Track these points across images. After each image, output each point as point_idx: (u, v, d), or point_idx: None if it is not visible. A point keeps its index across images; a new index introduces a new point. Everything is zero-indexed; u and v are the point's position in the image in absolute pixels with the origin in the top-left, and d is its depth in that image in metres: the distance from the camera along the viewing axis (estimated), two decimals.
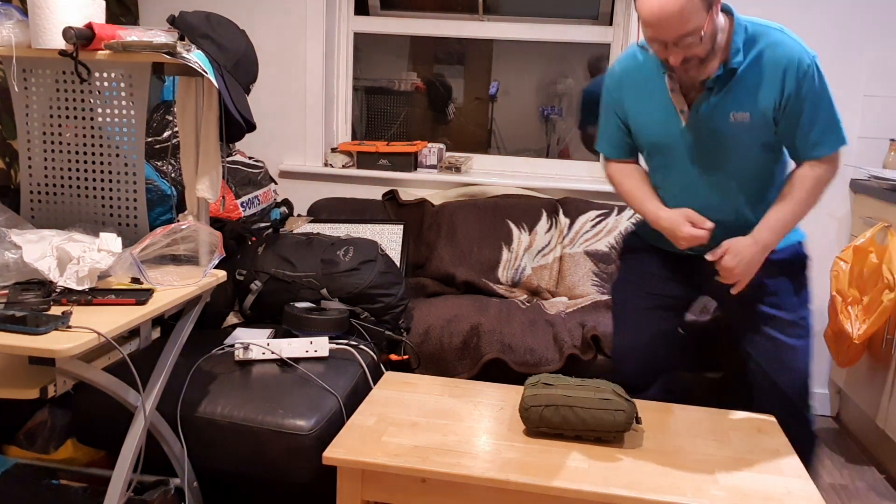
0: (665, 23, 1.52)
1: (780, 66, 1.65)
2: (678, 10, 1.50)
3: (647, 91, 1.76)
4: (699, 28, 1.53)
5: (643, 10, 1.55)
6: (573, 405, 1.63)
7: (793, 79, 1.64)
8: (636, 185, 1.85)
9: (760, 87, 1.65)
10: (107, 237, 1.55)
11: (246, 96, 1.82)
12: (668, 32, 1.53)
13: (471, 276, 2.74)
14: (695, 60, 1.59)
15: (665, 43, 1.56)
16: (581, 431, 1.64)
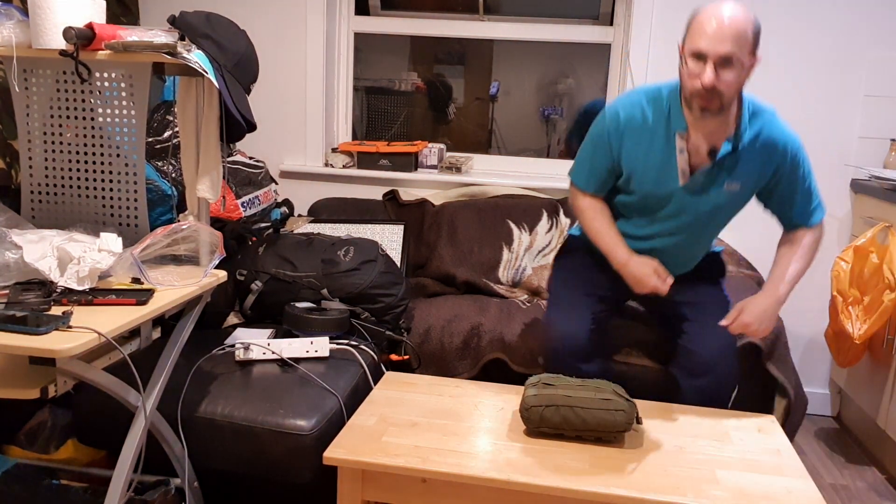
0: (725, 34, 1.61)
1: (776, 147, 1.80)
2: (742, 29, 1.62)
3: (650, 145, 1.83)
4: (743, 59, 1.65)
5: (709, 18, 1.63)
6: (574, 405, 1.63)
7: (787, 160, 1.81)
8: (606, 226, 1.94)
9: (756, 163, 1.81)
10: (107, 237, 1.55)
11: (246, 96, 1.82)
12: (723, 45, 1.61)
13: (471, 277, 2.74)
14: (717, 98, 1.67)
15: (709, 58, 1.63)
16: (581, 431, 1.64)
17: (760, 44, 1.74)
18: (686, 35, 1.71)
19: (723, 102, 1.69)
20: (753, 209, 2.93)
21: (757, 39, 1.67)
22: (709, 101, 1.68)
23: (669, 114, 1.80)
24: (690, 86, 1.69)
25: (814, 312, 2.96)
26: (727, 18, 1.62)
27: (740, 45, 1.62)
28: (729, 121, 1.77)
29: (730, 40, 1.61)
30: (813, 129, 2.85)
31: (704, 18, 1.64)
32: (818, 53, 2.80)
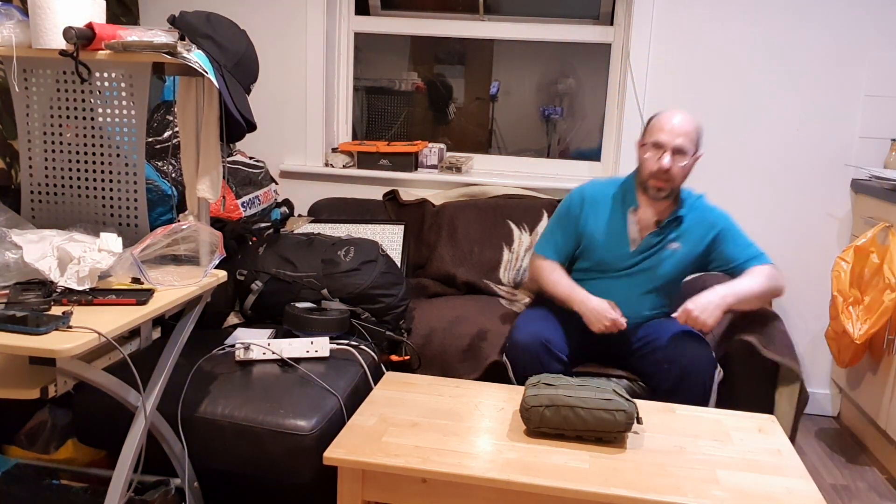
0: (680, 131, 2.07)
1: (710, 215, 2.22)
2: (691, 129, 2.10)
3: (608, 217, 2.21)
4: (690, 152, 2.10)
5: (665, 120, 2.10)
6: (574, 405, 1.63)
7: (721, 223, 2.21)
8: (562, 276, 2.23)
9: (694, 229, 2.19)
10: (107, 237, 1.55)
11: (246, 96, 1.82)
12: (677, 138, 2.07)
13: (472, 277, 2.74)
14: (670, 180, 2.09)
15: (666, 147, 2.07)
16: (582, 431, 1.64)
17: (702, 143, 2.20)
18: (646, 132, 2.15)
19: (673, 185, 2.12)
20: (753, 209, 2.93)
21: (700, 139, 2.14)
22: (664, 182, 2.10)
23: (624, 196, 2.21)
24: (649, 169, 2.11)
25: (814, 313, 2.96)
26: (680, 120, 2.09)
27: (690, 140, 2.09)
28: (672, 203, 2.20)
29: (683, 136, 2.07)
30: (813, 128, 2.85)
31: (664, 119, 2.10)
32: (819, 53, 2.80)
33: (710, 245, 2.19)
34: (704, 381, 2.00)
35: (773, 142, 2.88)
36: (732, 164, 2.91)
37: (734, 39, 2.84)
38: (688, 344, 2.03)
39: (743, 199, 2.93)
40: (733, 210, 2.92)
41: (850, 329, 2.46)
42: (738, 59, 2.85)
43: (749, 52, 2.84)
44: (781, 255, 2.93)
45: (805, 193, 2.89)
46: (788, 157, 2.88)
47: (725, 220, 2.22)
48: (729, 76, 2.86)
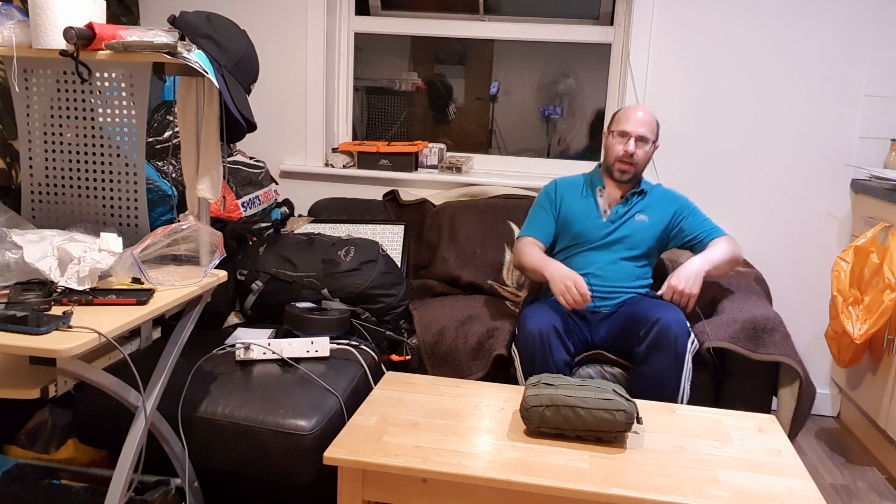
0: (643, 121, 2.35)
1: (669, 195, 2.46)
2: (651, 120, 2.38)
3: (580, 198, 2.45)
4: (650, 139, 2.37)
5: (630, 112, 2.38)
6: (574, 405, 1.63)
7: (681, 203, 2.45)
8: (539, 251, 2.38)
9: (657, 206, 2.42)
10: (107, 237, 1.55)
11: (247, 96, 1.82)
12: (640, 127, 2.35)
13: (476, 279, 2.74)
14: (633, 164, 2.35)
15: (631, 135, 2.34)
16: (582, 431, 1.64)
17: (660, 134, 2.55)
18: (612, 122, 2.42)
19: (636, 169, 2.37)
20: (753, 210, 2.93)
21: (658, 131, 2.42)
22: (628, 166, 2.36)
23: (592, 180, 2.47)
24: (615, 153, 2.37)
25: (814, 312, 2.96)
26: (643, 113, 2.37)
27: (651, 130, 2.37)
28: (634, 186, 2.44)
29: (645, 126, 2.35)
30: (813, 128, 2.85)
31: (629, 112, 2.39)
32: (819, 53, 2.80)
33: (672, 219, 2.41)
34: (677, 346, 2.04)
35: (773, 142, 2.88)
36: (733, 164, 2.92)
37: (734, 39, 2.84)
38: (660, 309, 2.10)
39: (743, 199, 2.93)
40: (733, 210, 2.93)
41: (850, 329, 2.46)
42: (738, 59, 2.85)
43: (749, 53, 2.84)
44: (781, 255, 2.93)
45: (805, 193, 2.89)
46: (788, 156, 2.88)
47: (683, 199, 2.46)
48: (729, 76, 2.87)
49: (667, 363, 2.03)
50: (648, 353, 2.06)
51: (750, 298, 2.34)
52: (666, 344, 2.03)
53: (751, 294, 2.39)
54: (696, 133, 2.92)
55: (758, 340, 2.14)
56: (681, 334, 2.05)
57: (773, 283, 2.91)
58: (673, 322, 2.05)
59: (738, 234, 2.93)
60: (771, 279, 2.91)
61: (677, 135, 2.93)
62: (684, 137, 2.93)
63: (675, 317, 2.07)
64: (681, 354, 2.04)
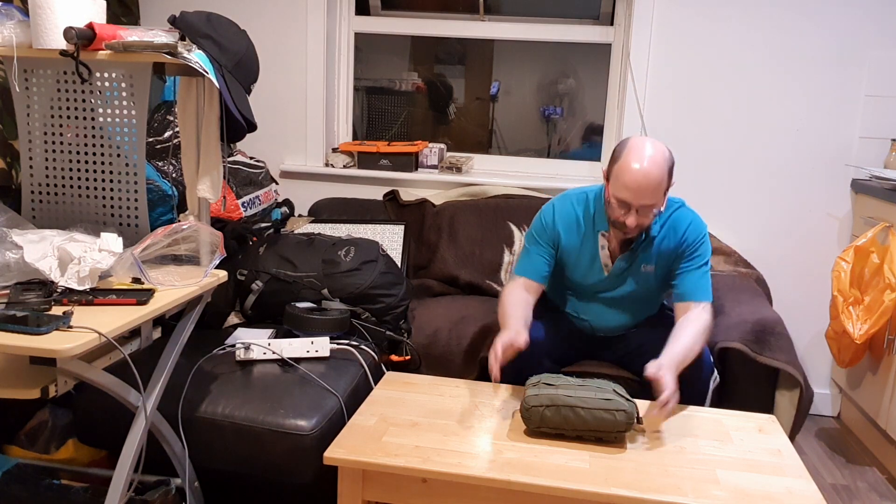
0: (643, 191, 1.86)
1: (682, 226, 2.03)
2: (657, 184, 1.86)
3: (580, 242, 2.09)
4: (659, 204, 1.91)
5: (629, 177, 1.86)
6: (574, 405, 1.63)
7: (691, 240, 2.02)
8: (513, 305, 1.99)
9: (664, 244, 2.04)
10: (108, 237, 1.55)
11: (247, 96, 1.82)
12: (642, 199, 1.87)
13: (474, 279, 2.74)
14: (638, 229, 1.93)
15: (631, 207, 1.88)
16: (582, 431, 1.64)
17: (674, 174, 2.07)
18: (611, 174, 1.92)
19: (643, 231, 1.99)
20: (753, 209, 2.93)
21: (671, 176, 1.92)
22: (630, 233, 1.95)
23: (594, 216, 2.06)
24: (615, 218, 1.94)
25: (814, 312, 2.96)
26: (647, 175, 1.85)
27: (656, 195, 1.88)
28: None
29: (649, 195, 1.86)
30: (813, 128, 2.85)
31: (628, 174, 1.86)
32: (819, 53, 2.80)
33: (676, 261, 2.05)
34: (702, 390, 1.99)
35: (773, 142, 2.88)
36: (733, 164, 2.91)
37: (734, 39, 2.84)
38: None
39: (743, 199, 2.93)
40: (734, 210, 2.93)
41: (851, 329, 2.46)
42: (738, 59, 2.85)
43: (749, 53, 2.84)
44: (782, 255, 2.93)
45: (805, 193, 2.89)
46: (788, 156, 2.88)
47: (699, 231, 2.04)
48: (729, 76, 2.86)
49: (690, 401, 1.96)
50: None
51: (756, 300, 2.34)
52: (691, 392, 1.96)
53: (756, 296, 2.39)
54: (696, 133, 2.92)
55: (763, 343, 2.15)
56: (707, 377, 1.98)
57: (774, 283, 2.91)
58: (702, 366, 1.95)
59: (738, 234, 2.93)
60: (771, 279, 2.91)
61: (676, 135, 2.93)
62: (684, 137, 2.93)
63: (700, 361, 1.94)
64: (703, 393, 2.00)
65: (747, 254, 2.92)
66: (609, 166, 1.95)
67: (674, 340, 1.90)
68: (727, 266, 2.67)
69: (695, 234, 2.03)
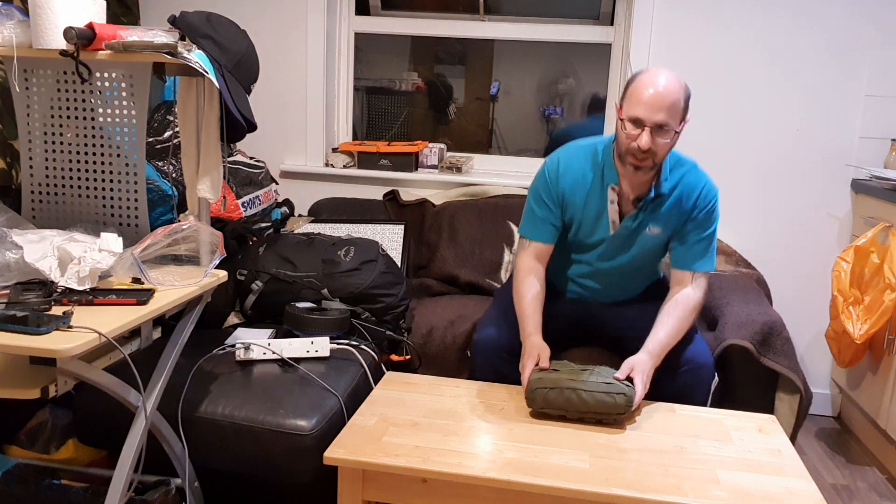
0: (661, 104, 1.74)
1: (695, 191, 1.94)
2: (675, 99, 1.76)
3: (587, 197, 1.97)
4: (673, 127, 1.79)
5: (643, 91, 1.76)
6: (576, 388, 1.70)
7: (703, 205, 1.94)
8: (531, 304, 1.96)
9: (675, 208, 1.95)
10: (108, 237, 1.55)
11: (247, 96, 1.82)
12: (658, 114, 1.75)
13: (474, 278, 2.74)
14: (650, 158, 1.81)
15: (646, 124, 1.76)
16: (583, 413, 1.70)
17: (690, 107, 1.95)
18: (624, 99, 1.83)
19: (655, 162, 1.84)
20: (753, 210, 2.93)
21: (687, 106, 1.82)
22: (643, 161, 1.81)
23: (603, 169, 1.94)
24: (627, 145, 1.82)
25: (814, 312, 2.96)
26: (662, 89, 1.75)
27: (673, 114, 1.76)
28: (655, 175, 1.92)
29: (664, 110, 1.75)
30: (814, 128, 2.85)
31: (642, 87, 1.77)
32: (819, 53, 2.80)
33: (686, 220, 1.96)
34: (703, 393, 1.98)
35: (773, 142, 2.88)
36: (733, 164, 2.91)
37: (735, 39, 2.84)
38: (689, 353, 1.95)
39: (743, 199, 2.93)
40: (734, 210, 2.93)
41: (851, 329, 2.46)
42: (738, 59, 2.85)
43: (749, 52, 2.84)
44: (782, 255, 2.93)
45: (805, 193, 2.89)
46: (788, 157, 2.88)
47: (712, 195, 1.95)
48: (729, 76, 2.86)
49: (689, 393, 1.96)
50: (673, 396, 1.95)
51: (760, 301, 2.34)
52: (693, 389, 1.96)
53: (760, 296, 2.39)
54: (696, 133, 2.92)
55: (768, 345, 2.15)
56: (708, 379, 1.97)
57: (774, 283, 2.91)
58: (703, 369, 1.94)
59: (738, 235, 2.93)
60: (771, 279, 2.91)
61: None
62: (684, 137, 2.93)
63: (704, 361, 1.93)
64: (704, 397, 1.99)
65: (747, 254, 2.92)
66: (621, 97, 1.85)
67: (659, 326, 1.89)
68: (728, 266, 2.67)
69: (707, 200, 1.94)
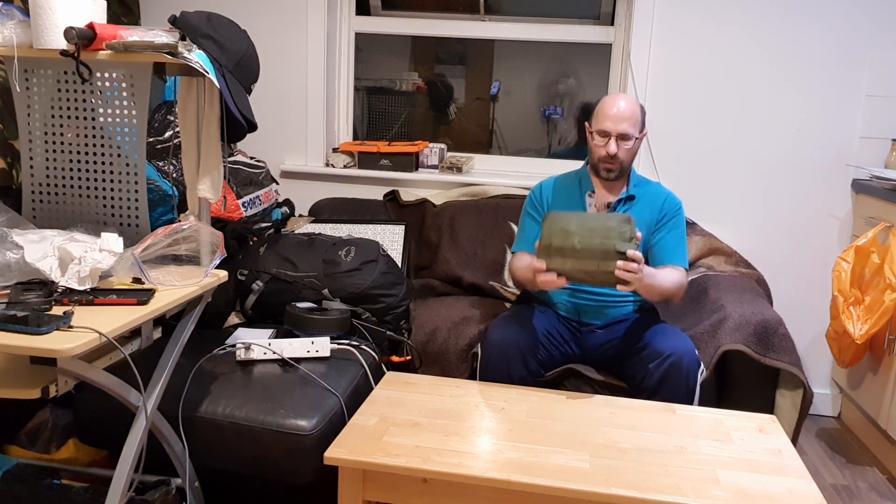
0: (622, 117, 2.15)
1: (661, 197, 2.27)
2: (631, 112, 2.16)
3: (567, 202, 2.29)
4: (634, 135, 2.17)
5: (608, 107, 2.17)
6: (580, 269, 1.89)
7: (669, 208, 2.25)
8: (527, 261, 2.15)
9: (646, 209, 2.25)
10: (108, 237, 1.55)
11: (247, 96, 1.82)
12: (621, 125, 2.14)
13: (478, 280, 2.74)
14: (618, 162, 2.18)
15: (610, 135, 2.15)
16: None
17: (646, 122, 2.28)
18: (594, 118, 2.22)
19: (622, 166, 2.20)
20: (754, 210, 2.93)
21: (644, 120, 2.22)
22: (612, 165, 2.18)
23: (580, 181, 2.30)
24: (598, 154, 2.19)
25: (815, 312, 2.96)
26: (624, 106, 2.16)
27: (633, 124, 2.16)
28: (624, 183, 2.29)
29: (626, 121, 2.15)
30: (814, 128, 2.85)
31: (607, 106, 2.18)
32: (820, 53, 2.80)
33: (657, 228, 2.23)
34: (689, 381, 2.00)
35: (773, 142, 2.88)
36: (733, 164, 2.91)
37: (735, 39, 2.84)
38: (669, 339, 2.03)
39: (744, 199, 2.93)
40: (734, 210, 2.93)
41: (851, 329, 2.46)
42: (738, 59, 2.85)
43: (750, 53, 2.84)
44: (782, 255, 2.93)
45: (806, 193, 2.89)
46: (789, 157, 2.88)
47: (673, 207, 2.24)
48: (730, 76, 2.86)
49: (677, 397, 1.98)
50: (659, 387, 1.99)
51: (758, 301, 2.34)
52: (677, 378, 1.98)
53: (758, 296, 2.39)
54: (697, 133, 2.92)
55: (766, 344, 2.15)
56: (692, 368, 1.99)
57: (774, 283, 2.91)
58: (684, 356, 1.99)
59: (738, 235, 2.93)
60: (771, 279, 2.91)
61: (677, 135, 2.93)
62: (684, 137, 2.93)
63: (685, 348, 2.00)
64: (692, 388, 2.00)
65: (748, 254, 2.92)
66: (591, 120, 2.23)
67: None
68: (728, 266, 2.67)
69: (672, 203, 2.26)
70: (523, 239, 2.31)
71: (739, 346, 2.13)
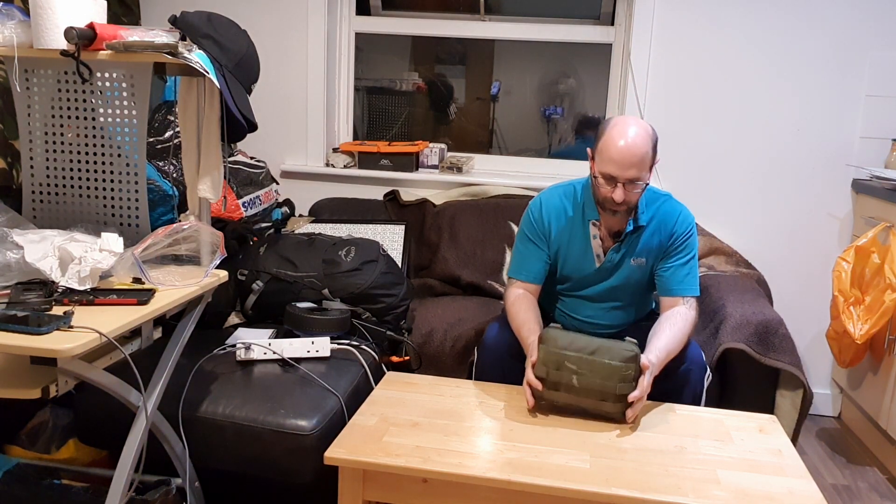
0: (631, 162, 1.84)
1: (672, 219, 2.03)
2: (641, 156, 1.85)
3: (570, 233, 2.06)
4: (645, 178, 1.89)
5: (614, 150, 1.85)
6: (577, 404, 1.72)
7: (680, 232, 2.02)
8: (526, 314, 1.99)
9: (654, 237, 2.03)
10: (108, 237, 1.55)
11: (247, 96, 1.82)
12: (629, 171, 1.85)
13: (476, 279, 2.74)
14: (626, 205, 1.90)
15: (617, 181, 1.86)
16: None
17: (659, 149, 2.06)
18: (597, 152, 1.91)
19: (630, 207, 1.95)
20: (754, 210, 2.93)
21: (655, 152, 1.90)
22: (618, 207, 1.91)
23: (584, 207, 2.04)
24: (602, 196, 1.93)
25: (815, 312, 2.96)
26: (631, 144, 1.84)
27: (642, 167, 1.86)
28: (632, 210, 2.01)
29: (635, 167, 1.85)
30: (814, 128, 2.85)
31: (612, 146, 1.85)
32: (820, 53, 2.80)
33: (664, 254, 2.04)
34: (696, 388, 1.98)
35: (774, 142, 2.88)
36: (734, 165, 2.91)
37: (735, 40, 2.84)
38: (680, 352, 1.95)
39: (744, 199, 2.93)
40: (734, 210, 2.93)
41: (851, 329, 2.46)
42: (738, 59, 2.85)
43: (750, 53, 2.84)
44: (782, 255, 2.93)
45: (806, 193, 2.89)
46: (789, 157, 2.88)
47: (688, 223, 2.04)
48: (730, 76, 2.86)
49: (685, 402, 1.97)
50: (667, 394, 1.95)
51: (758, 301, 2.34)
52: (685, 385, 1.96)
53: (758, 296, 2.39)
54: (697, 133, 2.92)
55: (767, 344, 2.15)
56: (700, 376, 1.97)
57: (774, 283, 2.91)
58: (694, 364, 1.95)
59: (738, 235, 2.93)
60: (772, 279, 2.91)
61: (677, 135, 2.93)
62: (685, 137, 2.93)
63: (695, 355, 1.96)
64: (699, 394, 1.99)
65: (748, 254, 2.92)
66: (594, 144, 1.94)
67: (658, 335, 1.90)
68: (728, 266, 2.67)
69: (684, 227, 2.03)
70: (521, 265, 2.08)
71: (740, 345, 2.13)
